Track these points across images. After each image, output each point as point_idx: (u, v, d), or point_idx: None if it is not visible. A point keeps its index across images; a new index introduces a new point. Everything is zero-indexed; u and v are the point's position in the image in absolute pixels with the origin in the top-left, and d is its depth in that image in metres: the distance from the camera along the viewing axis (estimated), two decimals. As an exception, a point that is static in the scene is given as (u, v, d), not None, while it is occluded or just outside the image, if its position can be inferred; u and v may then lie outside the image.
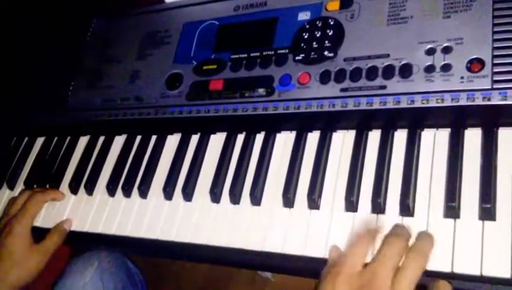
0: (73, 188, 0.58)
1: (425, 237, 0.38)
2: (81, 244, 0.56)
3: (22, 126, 0.68)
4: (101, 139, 0.61)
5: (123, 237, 0.52)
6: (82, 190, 0.58)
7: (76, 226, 0.55)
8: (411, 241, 0.38)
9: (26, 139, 0.68)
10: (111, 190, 0.55)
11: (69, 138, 0.64)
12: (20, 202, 0.56)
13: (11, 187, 0.64)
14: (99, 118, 0.59)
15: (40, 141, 0.67)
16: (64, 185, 0.59)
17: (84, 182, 0.58)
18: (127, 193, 0.54)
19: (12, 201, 0.58)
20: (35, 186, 0.61)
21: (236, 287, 0.89)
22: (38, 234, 0.55)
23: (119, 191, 0.55)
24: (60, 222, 0.55)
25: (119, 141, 0.60)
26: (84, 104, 0.61)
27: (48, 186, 0.61)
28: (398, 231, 0.38)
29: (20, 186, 0.64)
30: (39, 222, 0.57)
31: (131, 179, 0.55)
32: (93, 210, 0.55)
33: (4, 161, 0.67)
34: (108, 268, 0.59)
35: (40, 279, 0.54)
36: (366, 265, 0.37)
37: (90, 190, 0.57)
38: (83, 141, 0.63)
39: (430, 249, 0.37)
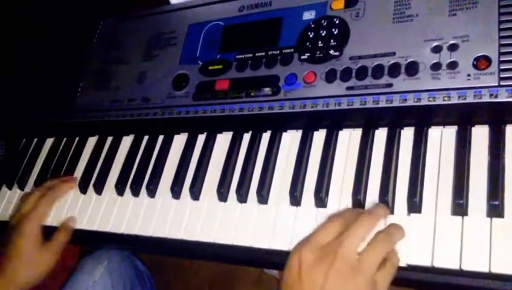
0: (83, 188, 0.59)
1: (397, 225, 0.40)
2: (90, 243, 0.57)
3: (31, 127, 0.69)
4: (109, 139, 0.62)
5: (132, 236, 0.52)
6: (91, 189, 0.58)
7: (85, 225, 0.56)
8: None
9: (35, 140, 0.69)
10: (120, 189, 0.56)
11: (77, 138, 0.65)
12: (32, 200, 0.56)
13: (22, 187, 0.65)
14: (107, 118, 0.60)
15: (49, 141, 0.68)
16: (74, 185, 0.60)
17: (93, 181, 0.59)
18: (135, 192, 0.55)
19: (24, 198, 0.58)
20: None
21: (244, 286, 0.89)
22: (48, 232, 0.56)
23: (127, 190, 0.56)
24: (65, 220, 0.56)
25: (127, 141, 0.61)
26: (92, 105, 0.62)
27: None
28: (371, 211, 0.40)
29: (30, 186, 0.65)
30: (50, 221, 0.58)
31: (139, 179, 0.56)
32: (102, 209, 0.56)
33: (14, 161, 0.68)
34: (118, 266, 0.60)
35: (51, 277, 0.55)
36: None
37: (99, 189, 0.58)
38: (92, 141, 0.63)
39: (399, 236, 0.39)
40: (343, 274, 0.35)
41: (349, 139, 0.47)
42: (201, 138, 0.56)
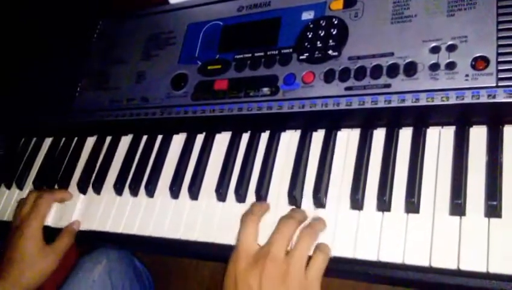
0: (82, 188, 0.59)
1: (318, 219, 0.43)
2: (89, 242, 0.57)
3: (30, 127, 0.69)
4: (108, 139, 0.62)
5: (131, 235, 0.52)
6: (90, 189, 0.58)
7: (84, 225, 0.56)
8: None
9: (34, 139, 0.69)
10: (118, 189, 0.56)
11: (76, 138, 0.65)
12: (30, 202, 0.57)
13: (20, 187, 0.65)
14: (106, 118, 0.60)
15: (48, 141, 0.68)
16: (73, 185, 0.60)
17: (92, 181, 0.59)
18: (134, 192, 0.55)
19: (21, 202, 0.58)
20: (44, 187, 0.62)
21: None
22: (49, 234, 0.56)
23: (126, 190, 0.56)
24: (69, 224, 0.56)
25: (125, 141, 0.61)
26: (91, 105, 0.62)
27: (56, 186, 0.61)
28: (292, 213, 0.42)
29: (28, 186, 0.65)
30: (49, 222, 0.58)
31: (138, 178, 0.56)
32: (101, 209, 0.56)
33: (13, 161, 0.68)
34: (116, 266, 0.60)
35: (49, 277, 0.55)
36: None
37: (98, 189, 0.58)
38: (90, 141, 0.63)
39: (321, 228, 0.42)
40: (275, 277, 0.38)
41: (347, 139, 0.47)
42: (200, 138, 0.56)
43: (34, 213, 0.55)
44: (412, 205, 0.41)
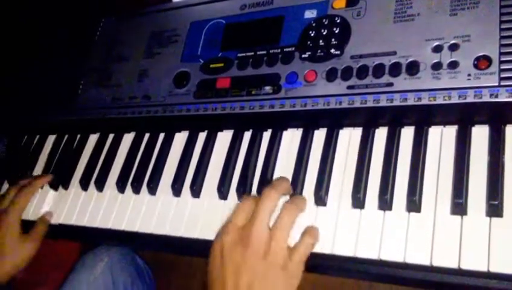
0: (84, 185, 0.59)
1: (299, 196, 0.44)
2: (91, 239, 0.57)
3: (33, 125, 0.69)
4: (111, 136, 0.62)
5: (132, 233, 0.53)
6: (92, 186, 0.59)
7: (86, 222, 0.56)
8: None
9: (37, 137, 0.69)
10: (120, 186, 0.56)
11: (79, 135, 0.65)
12: (9, 197, 0.59)
13: (23, 184, 0.65)
14: (109, 116, 0.60)
15: (51, 139, 0.68)
16: (75, 182, 0.60)
17: (94, 179, 0.59)
18: (136, 189, 0.55)
19: (1, 197, 0.61)
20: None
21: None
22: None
23: (128, 187, 0.56)
24: (43, 215, 0.59)
25: (128, 139, 0.61)
26: (94, 103, 0.62)
27: (59, 183, 0.62)
28: (274, 184, 0.43)
29: (31, 183, 0.65)
30: (54, 219, 0.59)
31: (140, 176, 0.56)
32: (103, 206, 0.56)
33: (16, 158, 0.68)
34: (118, 263, 0.61)
35: (51, 274, 0.55)
36: None
37: (100, 186, 0.58)
38: (93, 138, 0.64)
39: (302, 204, 0.43)
40: (258, 253, 0.39)
41: (349, 138, 0.47)
42: (202, 136, 0.56)
43: (12, 206, 0.58)
44: (414, 204, 0.41)
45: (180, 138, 0.57)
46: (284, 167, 0.49)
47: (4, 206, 0.59)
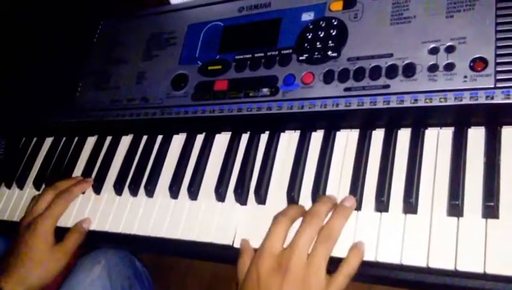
0: (81, 187, 0.59)
1: (336, 215, 0.41)
2: (88, 242, 0.57)
3: (31, 126, 0.69)
4: (108, 139, 0.62)
5: (130, 235, 0.52)
6: (90, 189, 0.59)
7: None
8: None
9: (35, 139, 0.69)
10: (118, 189, 0.56)
11: (76, 138, 0.65)
12: (46, 200, 0.55)
13: (21, 187, 0.65)
14: (107, 118, 0.60)
15: (48, 141, 0.68)
16: (73, 184, 0.60)
17: (92, 181, 0.59)
18: (134, 192, 0.55)
19: (36, 199, 0.57)
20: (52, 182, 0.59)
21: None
22: (55, 234, 0.55)
23: (126, 190, 0.56)
24: (78, 221, 0.54)
25: (125, 141, 0.61)
26: (92, 105, 0.62)
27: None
28: (319, 211, 0.42)
29: (29, 186, 0.65)
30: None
31: (137, 178, 0.56)
32: (101, 209, 0.56)
33: (13, 160, 0.68)
34: (116, 266, 0.60)
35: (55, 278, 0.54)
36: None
37: (97, 189, 0.58)
38: (91, 141, 0.64)
39: (339, 228, 0.41)
40: (295, 282, 0.38)
41: (346, 139, 0.48)
42: (199, 138, 0.56)
43: (48, 212, 0.53)
44: (410, 205, 0.41)
45: (178, 140, 0.57)
46: (282, 169, 0.49)
47: (40, 210, 0.54)
